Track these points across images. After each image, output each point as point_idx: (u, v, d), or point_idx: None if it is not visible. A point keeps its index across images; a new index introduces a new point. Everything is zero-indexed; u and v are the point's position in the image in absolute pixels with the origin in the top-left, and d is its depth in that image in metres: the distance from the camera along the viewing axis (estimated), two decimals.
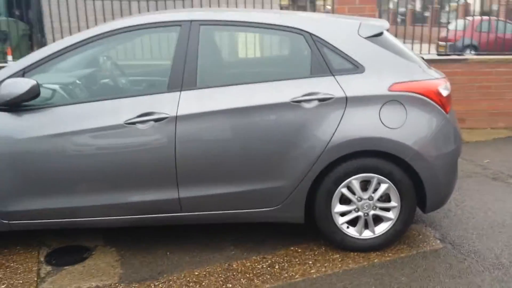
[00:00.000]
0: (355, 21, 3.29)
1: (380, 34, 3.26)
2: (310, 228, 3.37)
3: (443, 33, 12.25)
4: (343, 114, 3.06)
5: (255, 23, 3.17)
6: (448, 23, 10.62)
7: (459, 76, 6.65)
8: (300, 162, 3.07)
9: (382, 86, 3.10)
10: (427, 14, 17.02)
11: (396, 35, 6.60)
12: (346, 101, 3.06)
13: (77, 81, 3.44)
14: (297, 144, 3.05)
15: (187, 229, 3.56)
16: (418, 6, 22.28)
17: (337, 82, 3.09)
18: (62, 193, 3.06)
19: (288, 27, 3.15)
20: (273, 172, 3.10)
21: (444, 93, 3.19)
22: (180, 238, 3.49)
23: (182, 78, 3.07)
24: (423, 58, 3.81)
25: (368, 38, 3.18)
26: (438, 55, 8.57)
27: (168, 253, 3.31)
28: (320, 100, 3.05)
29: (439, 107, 3.16)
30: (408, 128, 3.08)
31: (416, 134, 3.10)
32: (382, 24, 3.35)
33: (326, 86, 3.08)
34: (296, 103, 3.04)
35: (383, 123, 3.06)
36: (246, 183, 3.11)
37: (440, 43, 12.24)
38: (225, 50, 3.29)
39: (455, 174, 3.30)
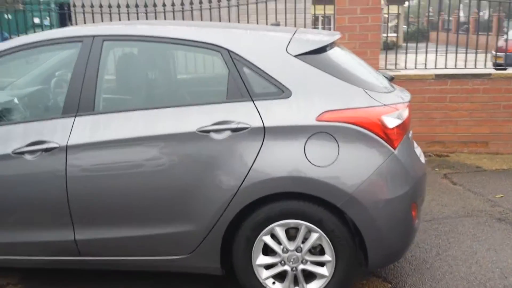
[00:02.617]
0: (285, 35, 2.75)
1: (318, 50, 2.69)
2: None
3: (501, 43, 11.16)
4: (260, 148, 2.53)
5: (168, 38, 2.72)
6: (507, 32, 9.50)
7: (481, 94, 5.82)
8: (210, 204, 2.57)
9: (310, 115, 2.54)
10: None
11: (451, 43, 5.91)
12: (264, 132, 2.53)
13: None
14: (206, 183, 2.56)
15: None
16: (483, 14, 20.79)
17: (256, 109, 2.56)
18: None
19: (203, 42, 2.66)
20: (180, 214, 2.62)
21: (391, 123, 2.57)
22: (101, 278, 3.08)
23: (78, 102, 2.67)
24: (389, 78, 3.19)
25: (299, 56, 2.63)
26: (495, 67, 7.65)
27: None
28: (233, 130, 2.54)
29: (382, 141, 2.54)
30: (340, 167, 2.50)
31: (351, 174, 2.51)
32: (322, 38, 2.79)
33: (242, 113, 2.57)
34: (203, 133, 2.55)
35: (308, 160, 2.49)
36: (149, 226, 2.65)
37: (497, 54, 11.10)
38: (130, 69, 2.86)
39: (409, 223, 2.65)
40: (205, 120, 2.56)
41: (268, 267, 2.69)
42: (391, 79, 3.25)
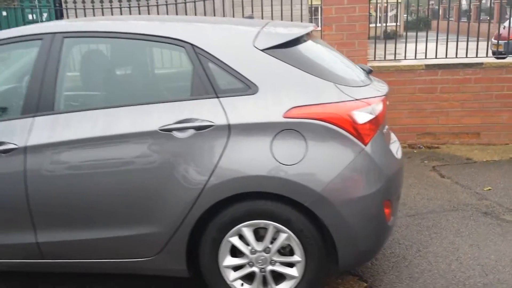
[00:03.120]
0: (253, 28, 2.65)
1: (288, 44, 2.59)
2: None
3: (502, 30, 10.89)
4: (225, 147, 2.44)
5: (130, 33, 2.61)
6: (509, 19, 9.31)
7: (472, 84, 5.70)
8: (174, 205, 2.48)
9: (277, 111, 2.44)
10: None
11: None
12: (229, 130, 2.44)
13: None
14: (170, 183, 2.47)
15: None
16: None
17: (222, 105, 2.47)
18: None
19: (167, 37, 2.56)
20: (143, 216, 2.53)
21: (362, 119, 2.47)
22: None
23: (38, 101, 2.58)
24: (367, 70, 3.09)
25: (266, 50, 2.53)
26: (494, 55, 7.44)
27: None
28: (196, 128, 2.45)
29: (352, 138, 2.45)
30: (308, 165, 2.41)
31: (319, 172, 2.42)
32: (291, 31, 2.68)
33: (207, 110, 2.47)
34: (166, 132, 2.46)
35: (275, 158, 2.40)
36: (112, 228, 2.57)
37: (498, 42, 10.84)
38: (91, 67, 2.76)
39: (382, 222, 2.56)
40: (167, 118, 2.47)
41: (236, 268, 2.61)
42: (369, 72, 3.14)
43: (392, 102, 5.80)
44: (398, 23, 25.74)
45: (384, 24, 27.33)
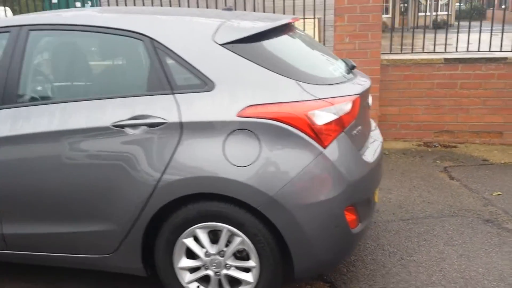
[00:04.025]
0: (214, 22, 2.53)
1: (250, 39, 2.46)
2: None
3: None
4: (177, 145, 2.36)
5: (91, 26, 2.57)
6: None
7: (495, 80, 5.34)
8: (127, 203, 2.44)
9: (231, 110, 2.33)
10: None
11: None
12: (182, 128, 2.35)
13: None
14: (122, 181, 2.42)
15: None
16: None
17: (176, 102, 2.39)
18: None
19: (125, 30, 2.50)
20: (98, 212, 2.51)
21: (321, 119, 2.31)
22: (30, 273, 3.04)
23: (2, 94, 2.59)
24: (350, 66, 2.92)
25: (226, 45, 2.42)
26: None
27: None
28: (148, 125, 2.38)
29: (309, 140, 2.30)
30: (261, 167, 2.29)
31: (273, 175, 2.29)
32: (254, 25, 2.55)
33: (161, 107, 2.40)
34: (118, 129, 2.40)
35: (227, 159, 2.30)
36: (69, 223, 2.57)
37: None
38: (53, 60, 2.74)
39: (343, 229, 2.40)
40: (121, 114, 2.41)
41: (192, 270, 2.54)
42: (352, 68, 2.96)
43: (408, 97, 5.57)
44: (448, 12, 24.67)
45: (434, 13, 26.28)
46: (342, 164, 2.38)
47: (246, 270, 2.47)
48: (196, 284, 2.55)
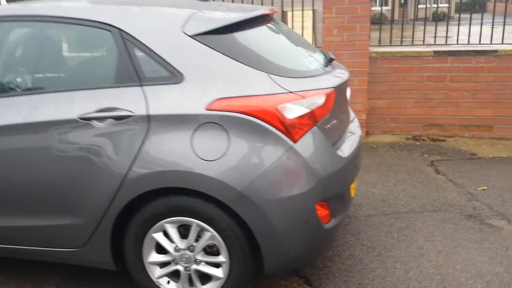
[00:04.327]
0: (185, 12, 2.47)
1: (221, 30, 2.40)
2: None
3: None
4: (144, 139, 2.31)
5: (59, 17, 2.51)
6: None
7: (486, 73, 5.28)
8: (95, 197, 2.39)
9: (200, 103, 2.28)
10: None
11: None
12: (149, 121, 2.31)
13: None
14: (89, 175, 2.38)
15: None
16: None
17: (144, 94, 2.34)
18: None
19: (94, 21, 2.44)
20: (67, 206, 2.47)
21: (292, 113, 2.27)
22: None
23: None
24: (328, 59, 2.87)
25: (196, 36, 2.36)
26: None
27: None
28: (115, 118, 2.33)
29: (279, 134, 2.26)
30: (230, 161, 2.24)
31: (241, 170, 2.25)
32: (226, 16, 2.49)
33: (129, 99, 2.35)
34: (85, 121, 2.35)
35: (195, 153, 2.25)
36: (42, 217, 2.53)
37: None
38: (22, 52, 2.69)
39: (314, 225, 2.36)
40: (88, 107, 2.36)
41: (163, 265, 2.51)
42: (330, 60, 2.90)
43: (397, 90, 5.52)
44: (449, 4, 24.46)
45: (435, 6, 26.04)
46: (314, 158, 2.33)
47: (216, 265, 2.43)
48: (166, 279, 2.52)
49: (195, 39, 2.36)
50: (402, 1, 27.81)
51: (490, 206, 3.73)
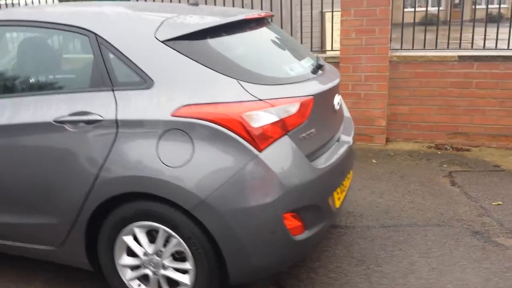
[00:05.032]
0: (158, 17, 2.47)
1: (194, 36, 2.38)
2: None
3: None
4: (112, 144, 2.33)
5: (38, 22, 2.57)
6: None
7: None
8: (69, 198, 2.45)
9: (166, 109, 2.27)
10: None
11: None
12: (117, 126, 2.32)
13: None
14: (63, 177, 2.44)
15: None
16: None
17: (115, 99, 2.36)
18: None
19: (71, 26, 2.49)
20: (42, 206, 2.54)
21: (258, 122, 2.21)
22: None
23: None
24: (316, 65, 2.79)
25: (167, 42, 2.35)
26: None
27: None
28: (86, 122, 2.37)
29: (244, 142, 2.21)
30: (193, 169, 2.22)
31: (205, 178, 2.22)
32: (199, 21, 2.47)
33: (100, 104, 2.38)
34: (59, 124, 2.41)
35: (160, 159, 2.25)
36: (22, 215, 2.61)
37: None
38: (4, 55, 2.78)
39: (281, 236, 2.29)
40: (63, 110, 2.42)
41: (134, 268, 2.52)
42: (319, 67, 2.82)
43: (419, 96, 5.30)
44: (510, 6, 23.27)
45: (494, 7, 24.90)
46: (281, 168, 2.27)
47: (184, 271, 2.42)
48: (137, 281, 2.54)
49: (166, 45, 2.35)
50: (457, 1, 26.77)
51: (501, 222, 3.50)
